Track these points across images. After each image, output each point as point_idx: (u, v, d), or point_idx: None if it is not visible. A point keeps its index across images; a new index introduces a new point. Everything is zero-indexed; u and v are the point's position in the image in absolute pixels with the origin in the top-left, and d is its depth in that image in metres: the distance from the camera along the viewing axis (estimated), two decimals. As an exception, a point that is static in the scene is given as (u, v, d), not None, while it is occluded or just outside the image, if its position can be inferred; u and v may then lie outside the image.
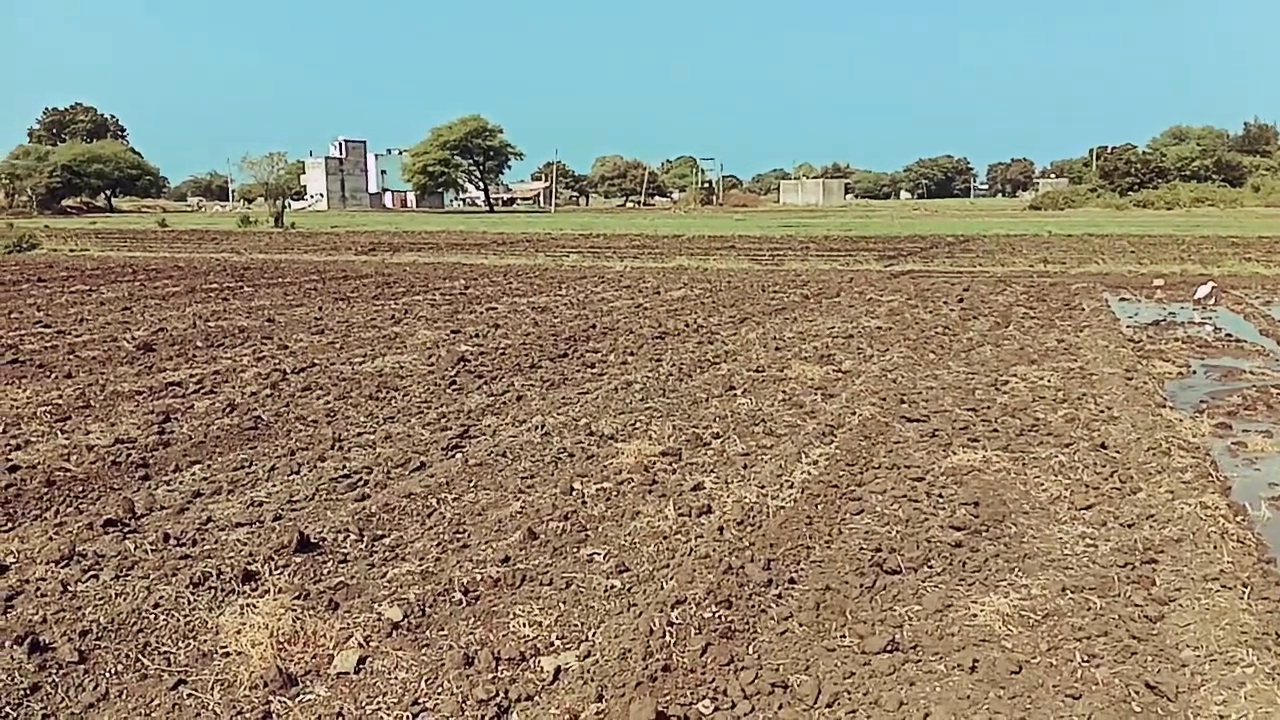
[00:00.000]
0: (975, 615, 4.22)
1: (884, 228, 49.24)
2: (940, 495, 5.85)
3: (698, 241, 36.88)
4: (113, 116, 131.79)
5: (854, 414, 7.80)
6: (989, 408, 8.10)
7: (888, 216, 73.01)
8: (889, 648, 3.89)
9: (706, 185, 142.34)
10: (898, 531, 5.24)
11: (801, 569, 4.73)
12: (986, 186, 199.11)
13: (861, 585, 4.53)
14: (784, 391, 8.77)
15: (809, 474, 6.19)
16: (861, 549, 4.98)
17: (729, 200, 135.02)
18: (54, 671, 3.70)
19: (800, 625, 4.12)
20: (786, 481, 6.02)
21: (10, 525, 5.35)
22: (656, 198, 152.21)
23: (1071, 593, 4.44)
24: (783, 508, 5.54)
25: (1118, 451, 6.73)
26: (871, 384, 9.06)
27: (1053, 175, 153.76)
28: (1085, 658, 3.84)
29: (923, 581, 4.61)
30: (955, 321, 13.58)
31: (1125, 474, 6.20)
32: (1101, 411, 7.91)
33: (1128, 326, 13.32)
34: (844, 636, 4.03)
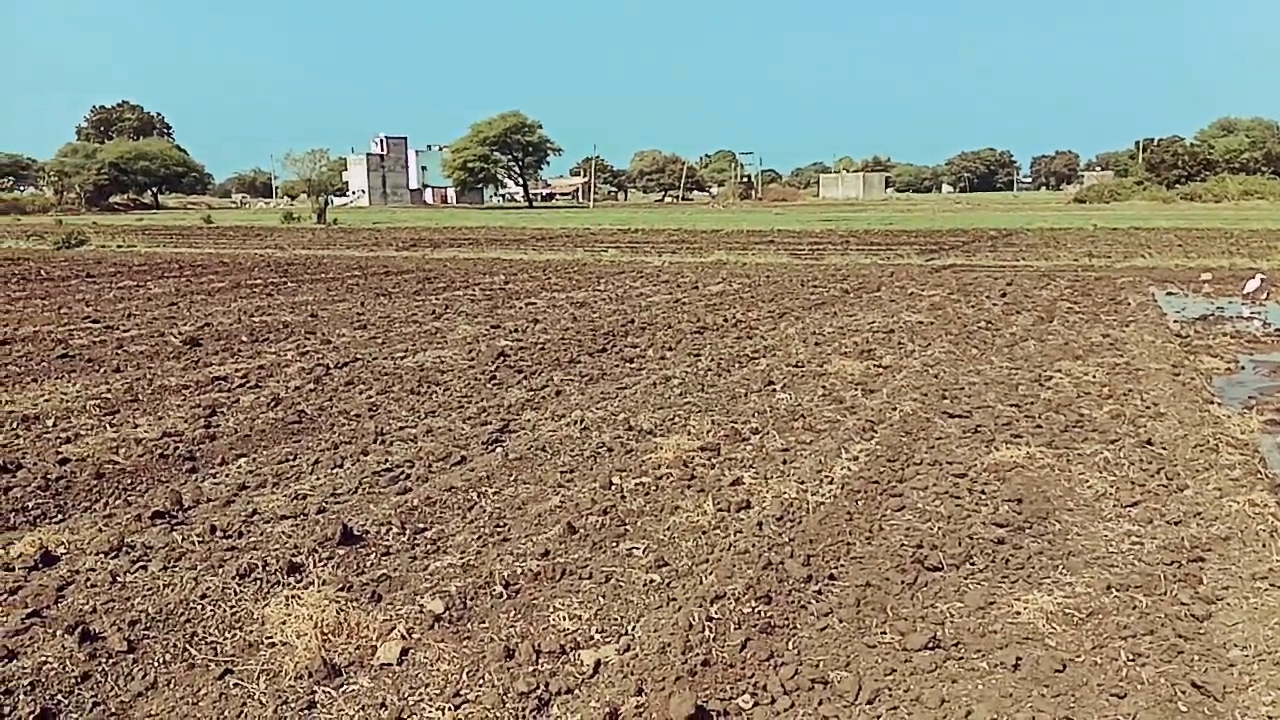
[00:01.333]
0: (1018, 613, 4.18)
1: (925, 221, 48.82)
2: (983, 492, 5.79)
3: (736, 236, 36.78)
4: (159, 114, 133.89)
5: (895, 410, 7.74)
6: (1032, 404, 8.00)
7: (929, 210, 72.37)
8: (930, 645, 3.87)
9: (745, 179, 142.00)
10: (939, 528, 5.20)
11: (842, 565, 4.71)
12: (1030, 180, 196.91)
13: (902, 582, 4.50)
14: (824, 387, 8.73)
15: (849, 470, 6.15)
16: (903, 545, 4.95)
17: (768, 194, 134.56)
18: (104, 660, 3.77)
19: (840, 621, 4.10)
20: (826, 477, 6.00)
21: (61, 517, 5.47)
22: (695, 192, 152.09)
23: (1117, 591, 4.38)
24: (823, 503, 5.52)
25: (1164, 448, 6.63)
26: (913, 379, 8.99)
27: (1098, 168, 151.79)
28: (1130, 656, 3.79)
29: (965, 579, 4.57)
30: (998, 316, 13.43)
31: (1172, 471, 6.10)
32: (1148, 408, 7.79)
33: (1175, 321, 13.10)
34: (885, 633, 4.01)
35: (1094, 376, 9.05)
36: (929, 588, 4.46)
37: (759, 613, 4.12)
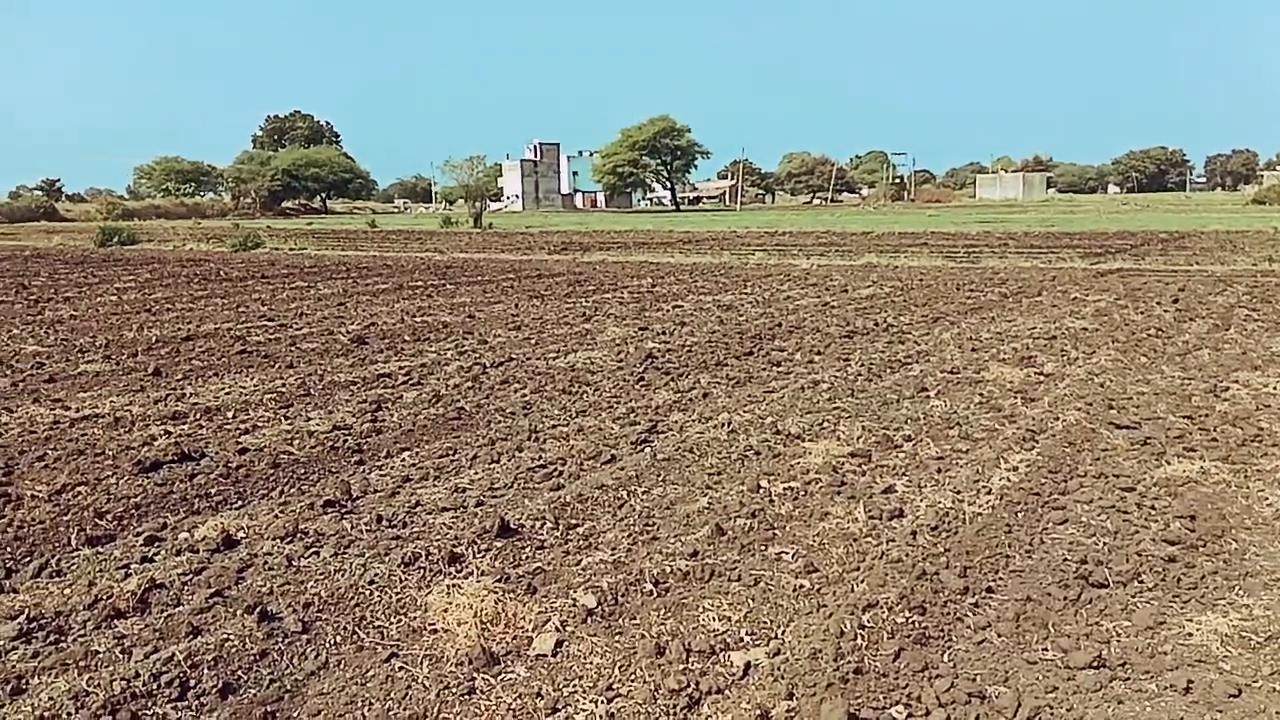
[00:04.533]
0: (1190, 634, 3.97)
1: (1090, 223, 46.74)
2: (1152, 507, 5.52)
3: (887, 238, 36.05)
4: (328, 123, 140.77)
5: (1057, 419, 7.46)
6: (1207, 416, 7.58)
7: (1094, 211, 69.28)
8: (1095, 663, 3.72)
9: (897, 180, 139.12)
10: (1105, 543, 4.99)
11: (1000, 578, 4.58)
12: (1204, 180, 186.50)
13: (1065, 597, 4.34)
14: (981, 394, 8.48)
15: (1008, 480, 5.97)
16: (1065, 560, 4.77)
17: (921, 195, 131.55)
18: (280, 639, 4.00)
19: (999, 635, 3.99)
20: (984, 487, 5.83)
21: (240, 503, 5.82)
22: (844, 194, 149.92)
23: (1300, 616, 4.11)
24: (980, 514, 5.37)
25: (1357, 466, 6.17)
26: (1076, 388, 8.64)
27: (1279, 167, 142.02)
28: (1316, 686, 3.55)
29: (1132, 596, 4.38)
30: (1169, 323, 12.75)
31: (1366, 491, 5.68)
32: (1338, 423, 7.27)
33: (1370, 330, 12.15)
34: (1046, 649, 3.88)
35: (1275, 388, 8.50)
36: (1094, 605, 4.29)
37: (913, 623, 4.05)
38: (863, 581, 4.48)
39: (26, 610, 4.21)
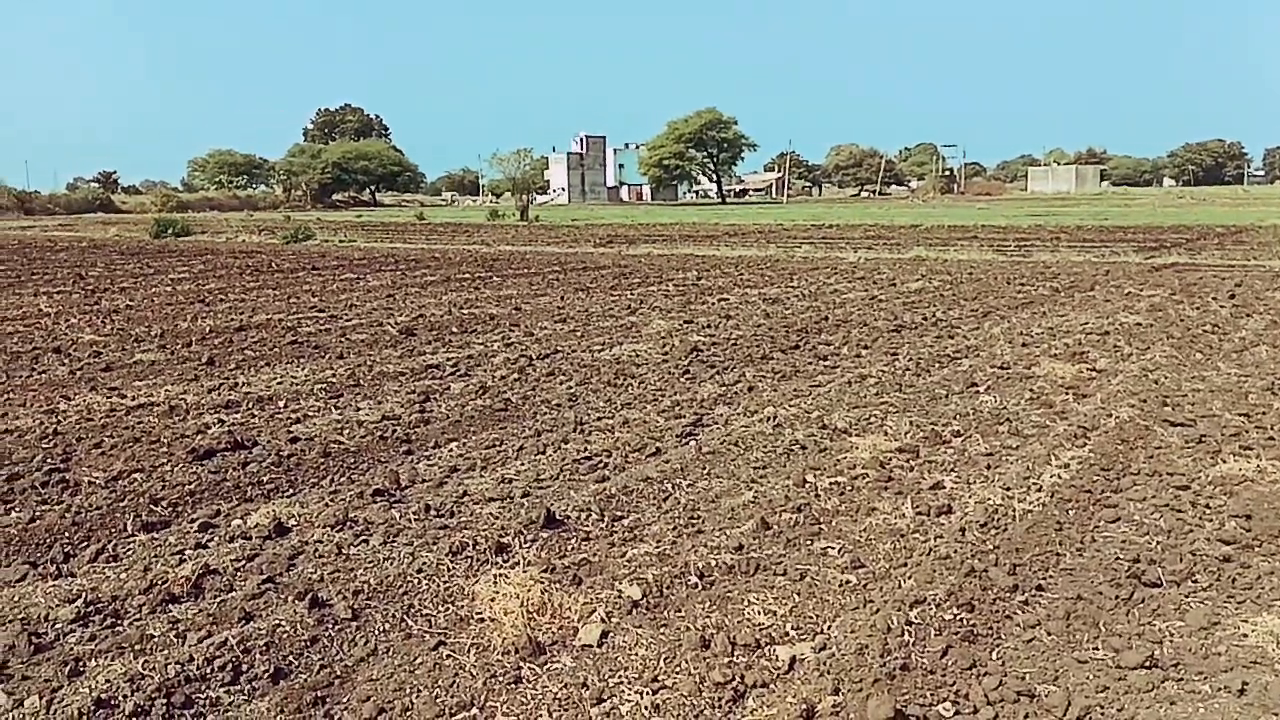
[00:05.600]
0: (1245, 635, 3.90)
1: (1144, 217, 45.89)
2: (1207, 506, 5.42)
3: (937, 231, 35.66)
4: (377, 116, 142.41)
5: (1110, 416, 7.35)
6: (1264, 413, 7.41)
7: (1148, 205, 68.01)
8: (1147, 664, 3.66)
9: (947, 173, 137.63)
10: (1158, 542, 4.91)
11: (1050, 576, 4.52)
12: (1263, 173, 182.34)
13: (1117, 597, 4.28)
14: (1031, 390, 8.37)
15: (1059, 477, 5.89)
16: (1117, 559, 4.70)
17: (971, 188, 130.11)
18: (330, 626, 4.06)
19: (1048, 634, 3.95)
20: (1034, 484, 5.76)
21: (291, 491, 5.91)
22: (893, 187, 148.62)
23: (1362, 620, 4.01)
24: (1030, 511, 5.31)
25: None
26: (1130, 384, 8.50)
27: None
28: (1379, 691, 3.47)
29: (1186, 596, 4.30)
30: (1226, 319, 12.49)
31: None
32: (1403, 422, 7.08)
33: None
34: (1097, 649, 3.82)
35: (1339, 386, 8.29)
36: (1146, 604, 4.22)
37: (961, 620, 4.02)
38: (910, 578, 4.45)
39: (84, 594, 4.31)
